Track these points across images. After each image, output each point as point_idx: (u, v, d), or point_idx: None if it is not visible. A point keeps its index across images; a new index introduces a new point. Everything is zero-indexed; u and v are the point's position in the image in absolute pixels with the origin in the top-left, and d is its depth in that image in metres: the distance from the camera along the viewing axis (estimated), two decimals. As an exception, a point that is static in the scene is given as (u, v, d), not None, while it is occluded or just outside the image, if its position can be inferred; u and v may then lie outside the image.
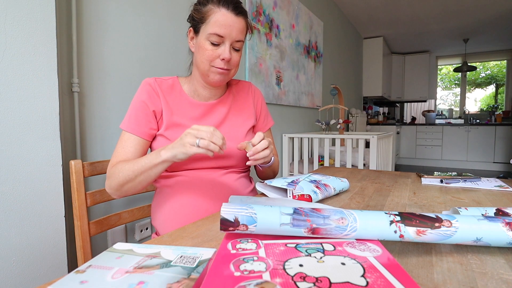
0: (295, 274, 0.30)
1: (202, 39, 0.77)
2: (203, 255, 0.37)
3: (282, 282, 0.28)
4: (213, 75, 0.80)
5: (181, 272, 0.32)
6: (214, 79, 0.80)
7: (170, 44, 1.48)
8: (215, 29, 0.75)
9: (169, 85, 0.86)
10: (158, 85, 0.83)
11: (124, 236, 1.29)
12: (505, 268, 0.35)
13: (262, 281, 0.28)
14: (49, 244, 0.89)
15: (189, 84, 0.88)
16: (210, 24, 0.75)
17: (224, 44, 0.77)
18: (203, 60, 0.78)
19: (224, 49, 0.77)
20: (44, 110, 0.87)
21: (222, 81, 0.82)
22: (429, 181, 0.88)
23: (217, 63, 0.78)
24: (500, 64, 6.96)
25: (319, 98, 3.29)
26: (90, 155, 1.16)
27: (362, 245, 0.38)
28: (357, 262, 0.32)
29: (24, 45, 0.82)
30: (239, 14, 0.77)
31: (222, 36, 0.76)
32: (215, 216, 0.58)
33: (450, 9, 3.98)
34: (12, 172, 0.81)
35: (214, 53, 0.77)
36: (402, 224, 0.38)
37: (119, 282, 0.30)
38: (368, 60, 5.27)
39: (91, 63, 1.15)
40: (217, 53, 0.77)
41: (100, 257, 0.36)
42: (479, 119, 6.06)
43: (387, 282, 0.28)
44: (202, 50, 0.78)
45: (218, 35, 0.75)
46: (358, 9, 3.98)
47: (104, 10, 1.19)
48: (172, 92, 0.85)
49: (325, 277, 0.29)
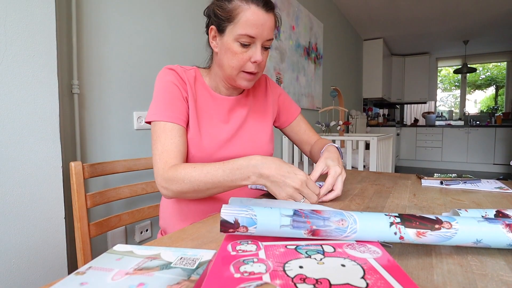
0: (295, 276, 0.30)
1: (229, 40, 0.70)
2: (203, 256, 0.37)
3: (282, 284, 0.28)
4: (241, 81, 0.74)
5: (181, 274, 0.32)
6: (242, 84, 0.75)
7: (170, 46, 1.48)
8: (246, 30, 0.68)
9: (192, 75, 0.80)
10: (184, 72, 0.78)
11: (124, 237, 1.28)
12: (505, 270, 0.35)
13: (262, 283, 0.28)
14: (49, 246, 0.89)
15: (210, 78, 0.82)
16: (239, 24, 0.68)
17: (255, 45, 0.70)
18: (233, 65, 0.72)
19: (256, 51, 0.70)
20: (44, 112, 0.87)
21: (249, 86, 0.77)
22: (429, 183, 0.88)
23: (247, 67, 0.72)
24: (500, 66, 6.97)
25: (319, 99, 3.29)
26: (90, 156, 1.16)
27: (362, 246, 0.38)
28: (357, 264, 0.32)
29: (24, 46, 0.82)
30: (269, 10, 0.70)
31: (254, 37, 0.69)
32: (215, 217, 0.58)
33: (450, 10, 3.99)
34: (12, 174, 0.81)
35: (244, 56, 0.71)
36: (402, 226, 0.38)
37: (119, 284, 0.30)
38: (368, 62, 5.27)
39: (91, 65, 1.15)
40: (247, 55, 0.71)
41: (100, 258, 0.36)
42: (479, 121, 6.06)
43: (387, 283, 0.28)
44: (230, 53, 0.71)
45: (249, 36, 0.69)
46: (358, 10, 3.99)
47: (104, 12, 1.19)
48: (196, 82, 0.80)
49: (325, 279, 0.29)
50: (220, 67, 0.76)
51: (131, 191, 0.98)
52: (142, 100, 1.35)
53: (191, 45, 1.61)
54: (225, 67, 0.73)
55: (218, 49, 0.75)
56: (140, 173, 1.31)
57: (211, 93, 0.81)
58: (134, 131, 1.32)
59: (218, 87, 0.82)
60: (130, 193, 0.98)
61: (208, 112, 0.79)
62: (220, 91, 0.82)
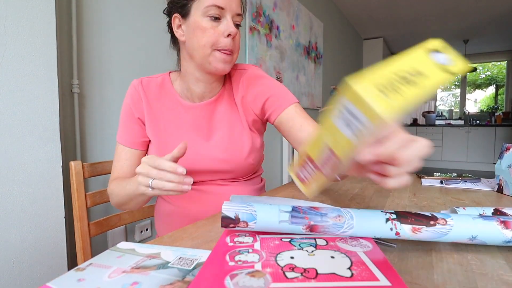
0: (285, 265, 0.31)
1: (197, 17, 0.65)
2: (201, 257, 0.37)
3: (272, 272, 0.30)
4: (216, 62, 0.68)
5: (176, 274, 0.33)
6: (218, 66, 0.68)
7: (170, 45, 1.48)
8: (213, 0, 0.64)
9: (158, 84, 0.77)
10: (142, 88, 0.75)
11: (124, 237, 1.29)
12: (505, 269, 0.35)
13: (253, 270, 0.30)
14: (49, 245, 0.89)
15: (181, 80, 0.77)
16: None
17: (225, 18, 0.66)
18: (204, 42, 0.66)
19: (227, 24, 0.66)
20: (44, 111, 0.87)
21: (226, 69, 0.69)
22: (429, 182, 0.88)
23: (221, 42, 0.66)
24: (500, 65, 6.96)
25: (319, 99, 3.29)
26: (90, 156, 1.16)
27: (354, 241, 0.38)
28: (346, 256, 0.34)
29: (24, 45, 0.82)
30: None
31: (223, 8, 0.65)
32: (215, 217, 0.58)
33: (450, 10, 3.99)
34: (12, 173, 0.81)
35: (216, 31, 0.65)
36: (398, 222, 0.39)
37: (114, 282, 0.31)
38: (368, 61, 5.27)
39: (91, 64, 1.15)
40: (218, 30, 0.66)
41: (102, 255, 0.37)
42: (479, 120, 6.06)
43: (371, 274, 0.29)
44: (200, 30, 0.65)
45: (218, 7, 0.64)
46: (358, 10, 3.99)
47: (104, 11, 1.19)
48: (161, 93, 0.76)
49: (312, 268, 0.31)
50: (191, 55, 0.70)
51: (131, 190, 0.98)
52: (142, 99, 1.35)
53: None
54: (196, 49, 0.67)
55: (185, 36, 0.70)
56: (140, 173, 1.31)
57: (179, 101, 0.76)
58: (134, 131, 1.32)
59: (189, 89, 0.75)
60: (130, 193, 0.98)
61: (175, 122, 0.75)
62: (191, 94, 0.76)
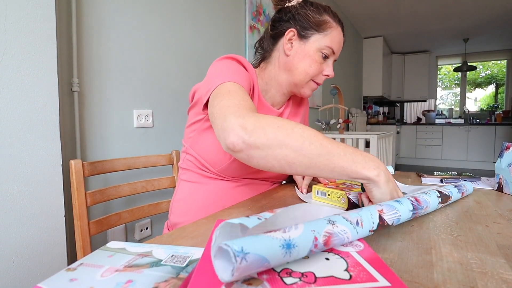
0: (281, 270, 0.31)
1: (312, 48, 0.73)
2: (194, 254, 0.37)
3: (269, 278, 0.29)
4: (307, 90, 0.77)
5: (170, 272, 0.32)
6: (305, 92, 0.77)
7: (170, 44, 1.48)
8: (333, 44, 0.73)
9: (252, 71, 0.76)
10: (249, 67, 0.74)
11: (124, 235, 1.29)
12: (505, 268, 0.35)
13: (249, 278, 0.29)
14: (49, 244, 0.89)
15: (262, 80, 0.80)
16: (328, 37, 0.72)
17: (329, 60, 0.75)
18: (309, 71, 0.73)
19: (329, 66, 0.76)
20: (44, 110, 0.87)
21: (309, 95, 0.80)
22: (429, 181, 0.88)
23: (319, 78, 0.76)
24: (500, 64, 6.96)
25: (319, 97, 3.28)
26: (90, 154, 1.16)
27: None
28: (340, 257, 0.34)
29: (24, 45, 0.82)
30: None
31: (335, 52, 0.74)
32: (215, 216, 0.58)
33: (450, 8, 3.98)
34: (12, 172, 0.81)
35: (320, 67, 0.74)
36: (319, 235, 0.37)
37: (108, 281, 0.31)
38: (368, 60, 5.27)
39: (91, 63, 1.15)
40: (322, 67, 0.75)
41: (93, 255, 0.37)
42: (479, 119, 6.06)
43: (369, 275, 0.30)
44: (309, 60, 0.73)
45: (332, 51, 0.74)
46: (358, 8, 3.98)
47: (104, 10, 1.18)
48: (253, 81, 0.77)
49: (310, 272, 0.30)
50: (289, 71, 0.75)
51: (131, 189, 0.98)
52: (142, 98, 1.35)
53: (190, 43, 1.60)
54: (299, 71, 0.74)
55: (292, 52, 0.74)
56: (140, 171, 1.31)
57: (260, 98, 0.78)
58: (134, 129, 1.32)
59: (269, 91, 0.80)
60: (130, 191, 0.98)
61: None
62: (269, 96, 0.80)
